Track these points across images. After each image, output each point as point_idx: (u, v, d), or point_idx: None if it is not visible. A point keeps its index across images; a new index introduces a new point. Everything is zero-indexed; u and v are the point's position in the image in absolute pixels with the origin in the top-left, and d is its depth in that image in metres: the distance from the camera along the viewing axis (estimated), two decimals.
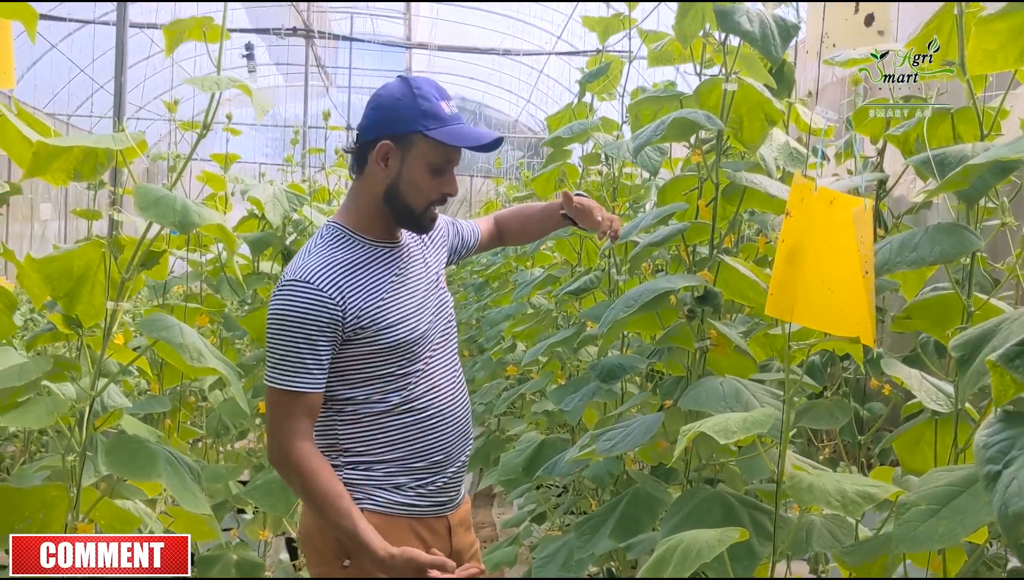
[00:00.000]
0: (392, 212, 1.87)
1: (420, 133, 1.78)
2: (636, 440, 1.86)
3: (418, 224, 1.90)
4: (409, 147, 1.80)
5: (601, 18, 3.21)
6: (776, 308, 1.38)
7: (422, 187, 1.83)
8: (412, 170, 1.81)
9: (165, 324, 1.48)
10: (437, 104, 1.80)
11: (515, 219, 2.38)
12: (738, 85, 1.78)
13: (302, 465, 1.71)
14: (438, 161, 1.82)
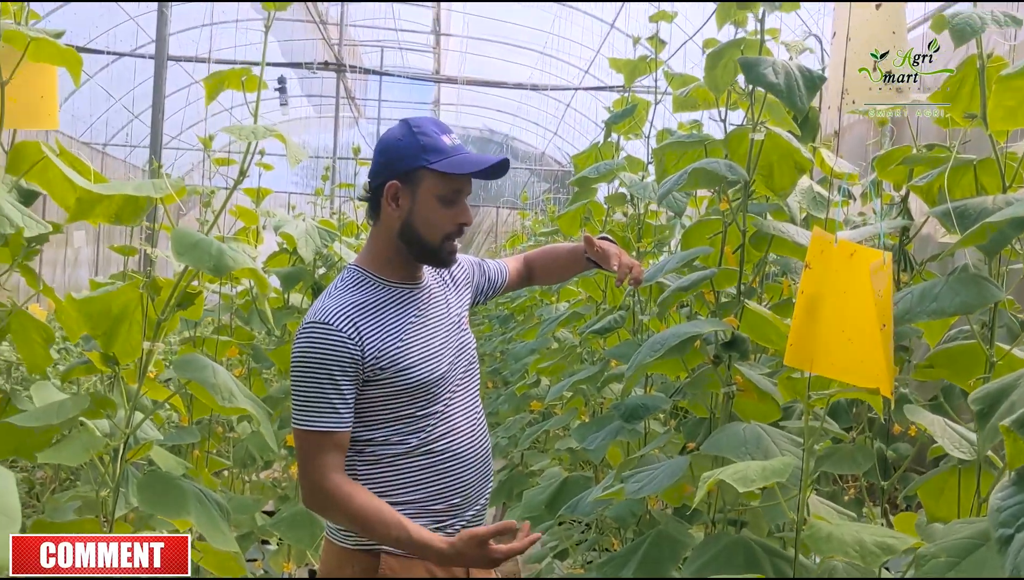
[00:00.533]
0: (410, 250, 1.90)
1: (424, 168, 1.82)
2: (662, 483, 1.88)
3: (437, 258, 1.92)
4: (416, 183, 1.84)
5: (628, 60, 3.26)
6: (796, 358, 1.40)
7: (435, 220, 1.86)
8: (422, 205, 1.85)
9: (199, 365, 1.53)
10: (438, 138, 1.84)
11: (544, 259, 2.41)
12: (767, 134, 1.81)
13: (337, 494, 1.74)
14: (446, 192, 1.85)
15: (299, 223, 3.22)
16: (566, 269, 2.38)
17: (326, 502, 1.76)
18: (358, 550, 1.84)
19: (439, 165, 1.81)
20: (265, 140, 1.72)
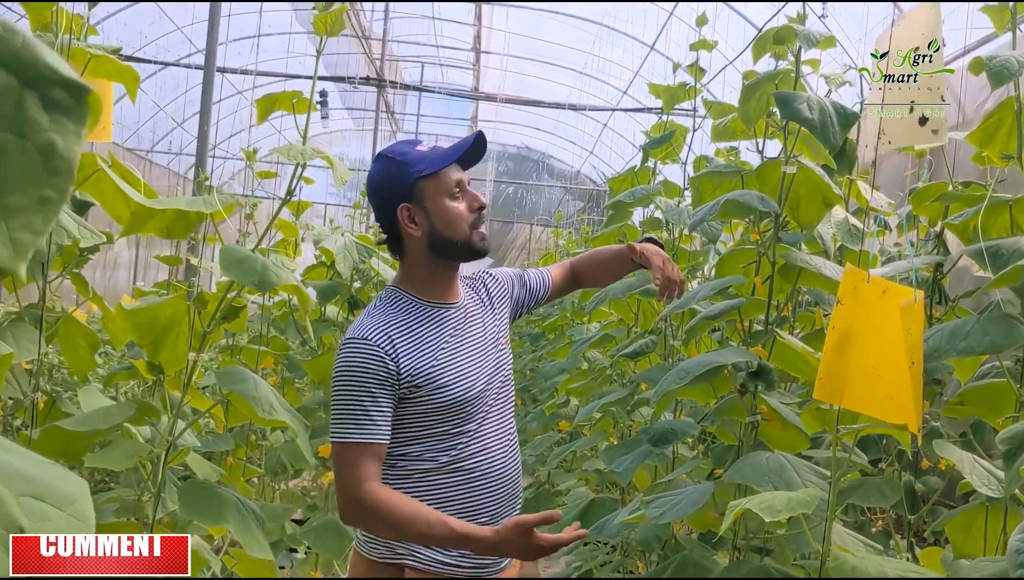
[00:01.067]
0: (445, 255, 1.94)
1: (418, 179, 1.88)
2: (686, 509, 1.90)
3: (472, 249, 1.94)
4: (421, 196, 1.89)
5: (668, 87, 3.30)
6: (825, 392, 1.42)
7: (453, 216, 1.90)
8: (437, 209, 1.89)
9: (241, 377, 1.58)
10: (413, 151, 1.90)
11: (590, 263, 2.41)
12: (798, 168, 1.83)
13: (375, 502, 1.75)
14: (449, 186, 1.90)
15: (337, 238, 3.28)
16: (613, 271, 2.37)
17: (364, 512, 1.77)
18: (384, 563, 1.88)
19: (428, 169, 1.87)
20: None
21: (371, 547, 1.90)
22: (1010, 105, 1.67)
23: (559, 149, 20.75)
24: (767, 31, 1.88)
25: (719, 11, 10.21)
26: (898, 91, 1.41)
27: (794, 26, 1.82)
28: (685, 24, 10.89)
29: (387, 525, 1.78)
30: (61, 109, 0.41)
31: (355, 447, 1.77)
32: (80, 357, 2.14)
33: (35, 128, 0.40)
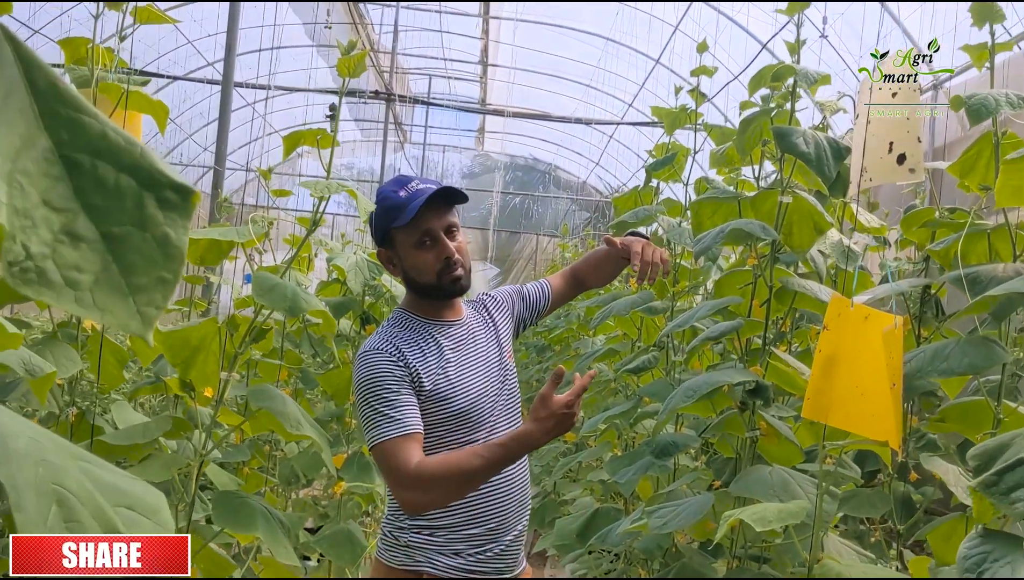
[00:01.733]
0: (419, 294, 2.11)
1: (392, 229, 2.04)
2: (686, 520, 2.00)
3: (443, 292, 2.08)
4: (394, 243, 2.07)
5: (669, 110, 3.41)
6: (812, 411, 1.52)
7: (421, 264, 2.05)
8: (407, 257, 2.06)
9: (270, 395, 1.69)
10: (396, 198, 2.02)
11: (586, 266, 2.51)
12: (793, 197, 1.94)
13: (426, 468, 1.83)
14: (416, 238, 2.03)
15: (349, 256, 3.40)
16: (607, 269, 2.47)
17: (422, 484, 1.83)
18: (403, 569, 1.99)
19: (398, 221, 1.99)
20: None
21: (392, 555, 2.01)
22: (988, 138, 1.78)
23: (566, 161, 20.89)
24: (765, 68, 1.98)
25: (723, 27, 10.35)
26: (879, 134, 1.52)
27: (793, 65, 1.93)
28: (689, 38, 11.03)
29: (446, 480, 1.84)
30: (172, 207, 0.52)
31: (393, 442, 1.86)
32: (109, 372, 2.26)
33: (153, 222, 0.51)
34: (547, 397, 1.79)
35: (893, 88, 1.53)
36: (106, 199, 0.51)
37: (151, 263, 0.50)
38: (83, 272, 0.49)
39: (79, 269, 0.49)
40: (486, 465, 1.83)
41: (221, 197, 3.05)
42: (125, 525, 0.65)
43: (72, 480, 0.64)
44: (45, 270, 0.48)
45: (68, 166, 0.52)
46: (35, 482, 0.61)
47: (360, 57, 1.70)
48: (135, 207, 0.52)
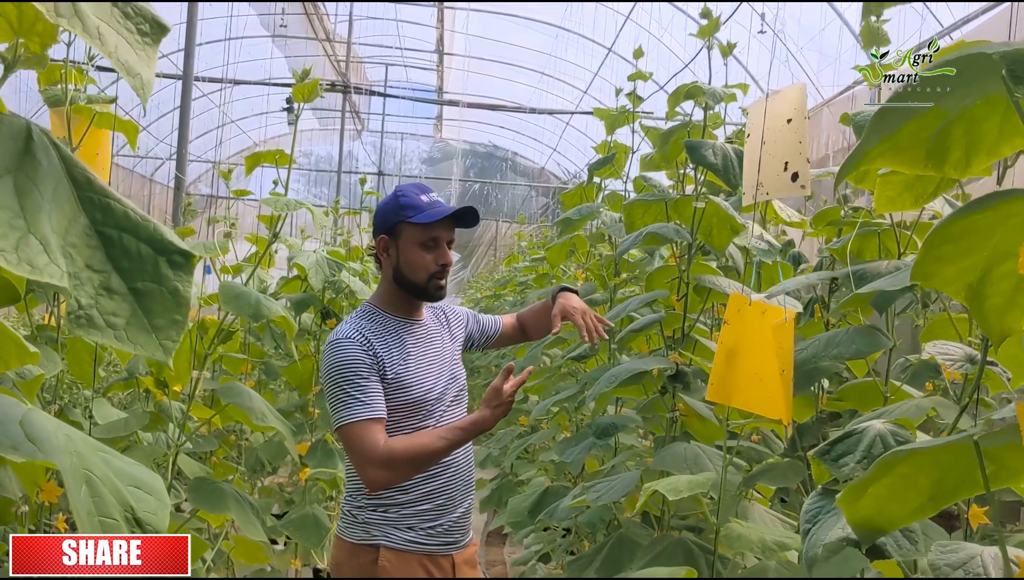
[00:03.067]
0: (403, 289, 2.29)
1: (403, 222, 2.22)
2: (617, 493, 2.23)
3: (426, 294, 2.29)
4: (399, 235, 2.25)
5: (610, 111, 3.62)
6: (716, 395, 1.76)
7: (418, 263, 2.24)
8: (406, 252, 2.25)
9: (238, 391, 1.88)
10: (416, 199, 2.22)
11: (532, 316, 2.70)
12: (707, 203, 2.17)
13: (394, 450, 2.06)
14: (425, 239, 2.23)
15: (310, 255, 3.58)
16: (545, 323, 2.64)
17: (388, 463, 2.06)
18: (362, 545, 2.20)
19: (415, 218, 2.20)
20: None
21: (351, 531, 2.22)
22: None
23: (524, 147, 21.06)
24: (680, 87, 2.21)
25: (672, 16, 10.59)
26: (775, 153, 1.74)
27: (701, 87, 2.16)
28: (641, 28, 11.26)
29: (414, 459, 2.09)
30: (179, 267, 0.72)
31: (362, 424, 2.08)
32: (85, 370, 2.43)
33: (166, 279, 0.71)
34: (498, 388, 2.05)
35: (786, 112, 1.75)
36: (131, 262, 0.71)
37: (166, 309, 0.70)
38: (118, 317, 0.69)
39: (115, 315, 0.69)
40: (448, 446, 2.10)
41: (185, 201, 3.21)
42: (135, 500, 0.85)
43: (95, 466, 0.84)
44: (92, 317, 0.68)
45: (102, 239, 0.72)
46: (71, 469, 0.80)
47: (313, 84, 1.89)
48: (152, 268, 0.72)
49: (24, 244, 0.66)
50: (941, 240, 0.97)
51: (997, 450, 0.98)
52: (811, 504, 1.15)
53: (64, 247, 0.69)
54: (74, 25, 0.70)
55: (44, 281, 0.66)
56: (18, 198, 0.68)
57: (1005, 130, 0.92)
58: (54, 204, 0.70)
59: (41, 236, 0.67)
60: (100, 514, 0.78)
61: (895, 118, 0.88)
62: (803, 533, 1.12)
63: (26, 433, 0.75)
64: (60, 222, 0.70)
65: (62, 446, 0.80)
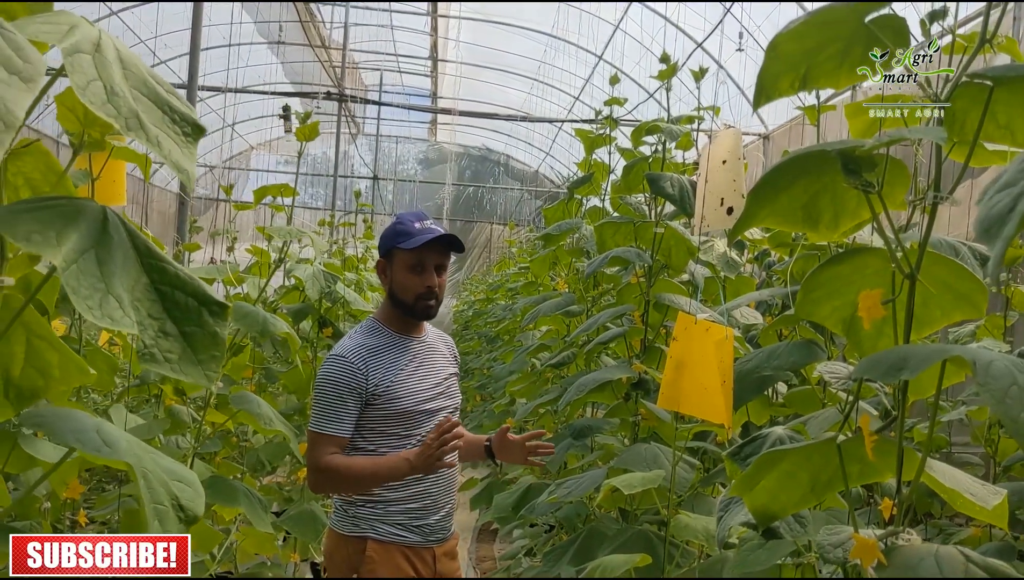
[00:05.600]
0: (397, 308, 2.54)
1: (395, 248, 2.47)
2: (585, 488, 2.48)
3: (414, 313, 2.54)
4: (392, 260, 2.51)
5: (589, 133, 3.87)
6: (666, 402, 2.00)
7: (407, 285, 2.50)
8: (398, 274, 2.51)
9: (248, 399, 2.12)
10: (409, 226, 2.48)
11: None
12: (666, 228, 2.42)
13: (332, 467, 2.34)
14: (414, 263, 2.49)
15: (307, 267, 3.82)
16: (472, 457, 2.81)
17: (327, 478, 2.35)
18: (351, 536, 2.45)
19: (403, 244, 2.45)
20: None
21: (342, 524, 2.47)
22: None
23: (517, 150, 21.30)
24: (641, 125, 2.46)
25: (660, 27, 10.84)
26: (714, 190, 1.99)
27: (659, 124, 2.40)
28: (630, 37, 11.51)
29: (347, 483, 2.37)
30: (217, 315, 0.96)
31: (325, 436, 2.37)
32: (103, 378, 2.67)
33: (208, 324, 0.95)
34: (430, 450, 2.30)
35: (722, 154, 2.00)
36: (180, 312, 0.96)
37: (208, 347, 0.95)
38: (172, 353, 0.94)
39: (170, 352, 0.94)
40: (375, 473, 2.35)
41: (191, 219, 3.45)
42: (177, 490, 1.09)
43: (148, 464, 1.08)
44: (154, 354, 0.92)
45: (159, 294, 0.96)
46: (135, 467, 1.05)
47: (314, 126, 2.13)
48: (197, 316, 0.96)
49: (105, 302, 0.90)
50: (814, 285, 1.22)
51: (863, 451, 1.22)
52: (724, 497, 1.40)
53: (132, 301, 0.93)
54: (140, 136, 0.94)
55: (120, 330, 0.90)
56: (99, 266, 0.92)
57: (861, 201, 1.17)
58: (124, 269, 0.95)
59: (116, 295, 0.92)
60: (155, 501, 1.02)
61: (768, 192, 1.12)
62: (717, 520, 1.36)
63: (102, 439, 0.99)
64: (128, 282, 0.94)
65: (125, 449, 1.04)
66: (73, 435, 0.98)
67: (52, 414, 1.03)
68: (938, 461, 1.27)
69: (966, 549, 1.02)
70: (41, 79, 0.73)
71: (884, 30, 1.11)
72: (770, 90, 1.17)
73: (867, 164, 1.03)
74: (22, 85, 0.69)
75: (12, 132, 0.67)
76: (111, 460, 0.99)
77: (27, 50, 0.73)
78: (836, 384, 1.35)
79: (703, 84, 2.83)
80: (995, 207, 0.64)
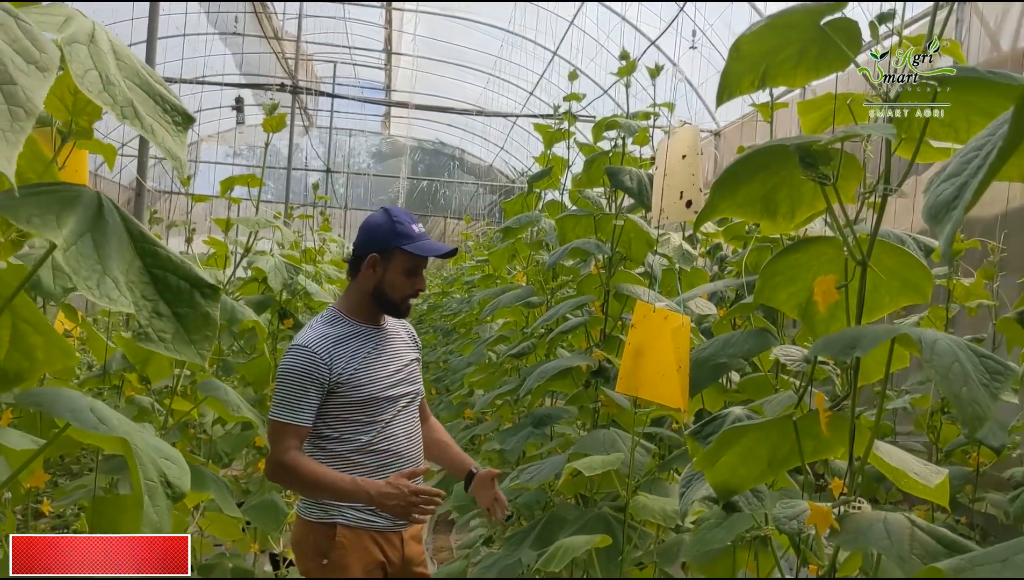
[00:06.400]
0: (378, 304, 2.56)
1: (398, 248, 2.48)
2: (547, 473, 2.55)
3: (397, 311, 2.59)
4: (390, 258, 2.51)
5: (548, 128, 3.93)
6: (625, 387, 2.07)
7: (400, 286, 2.53)
8: (392, 274, 2.52)
9: (215, 386, 2.14)
10: (409, 227, 2.50)
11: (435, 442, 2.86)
12: (626, 221, 2.49)
13: (293, 466, 2.37)
14: (412, 267, 2.52)
15: (269, 259, 3.83)
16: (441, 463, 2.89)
17: (284, 473, 2.39)
18: (320, 523, 2.48)
19: (410, 247, 2.48)
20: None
21: (310, 511, 2.50)
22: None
23: (472, 144, 21.32)
24: (601, 120, 2.52)
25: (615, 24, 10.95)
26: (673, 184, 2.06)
27: (619, 120, 2.47)
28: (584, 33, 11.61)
29: (301, 484, 2.41)
30: (208, 296, 1.00)
31: (286, 426, 2.40)
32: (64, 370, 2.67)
33: (200, 305, 0.99)
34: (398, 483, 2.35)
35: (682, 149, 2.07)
36: (173, 294, 1.00)
37: (200, 327, 0.99)
38: (166, 333, 0.97)
39: (164, 332, 0.97)
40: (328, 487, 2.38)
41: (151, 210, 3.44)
42: (164, 467, 1.13)
43: (139, 442, 1.11)
44: (148, 333, 0.96)
45: (152, 277, 1.00)
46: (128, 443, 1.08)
47: (280, 118, 2.16)
48: (189, 297, 1.00)
49: (102, 282, 0.94)
50: (772, 272, 1.29)
51: (817, 428, 1.30)
52: (686, 473, 1.47)
53: (127, 283, 0.97)
54: (135, 124, 0.98)
55: (118, 309, 0.94)
56: (96, 249, 0.95)
57: (817, 192, 1.24)
58: (119, 253, 0.98)
59: (113, 277, 0.95)
60: (146, 477, 1.06)
61: (729, 185, 1.19)
62: (680, 495, 1.43)
63: (97, 417, 1.02)
64: (122, 265, 0.98)
65: (117, 426, 1.08)
66: (70, 413, 1.01)
67: (48, 393, 1.06)
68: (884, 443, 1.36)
69: (912, 515, 1.10)
70: (56, 69, 0.77)
71: (838, 32, 1.18)
72: (733, 88, 1.24)
73: (823, 158, 1.11)
74: (39, 75, 0.73)
75: (33, 119, 0.71)
76: (106, 436, 1.02)
77: (42, 41, 0.77)
78: (792, 365, 1.43)
79: (658, 81, 2.91)
80: (941, 195, 0.72)
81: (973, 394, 0.94)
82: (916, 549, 1.01)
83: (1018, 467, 3.73)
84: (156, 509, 1.09)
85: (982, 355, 1.02)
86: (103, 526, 2.04)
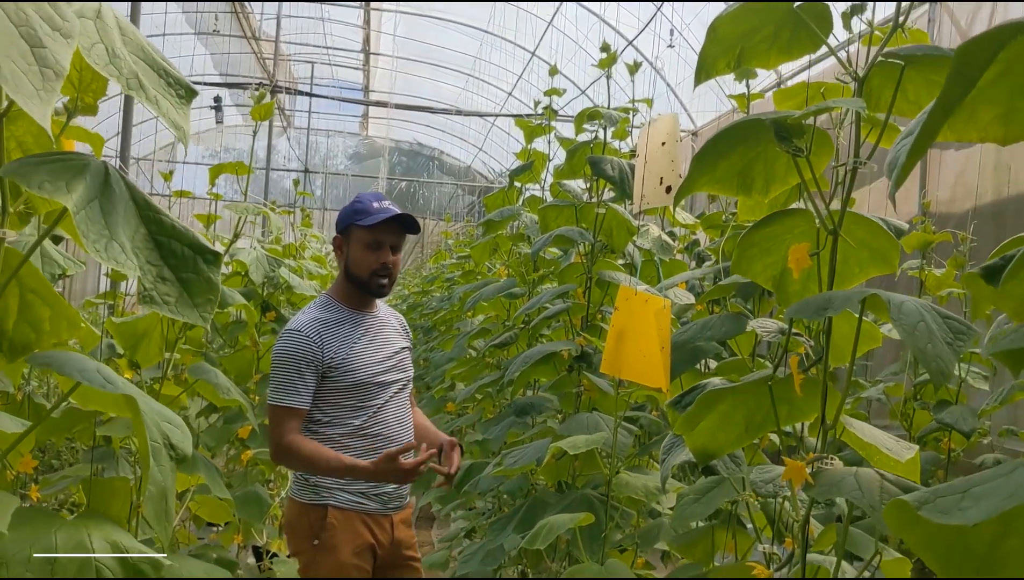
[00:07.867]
0: (351, 284, 2.62)
1: (353, 225, 2.55)
2: (531, 456, 2.59)
3: (368, 288, 2.63)
4: (349, 236, 2.61)
5: (529, 122, 3.99)
6: (608, 368, 2.13)
7: (362, 261, 2.59)
8: (354, 250, 2.60)
9: (205, 370, 2.18)
10: (368, 204, 2.57)
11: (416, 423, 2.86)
12: (607, 210, 2.55)
13: (294, 447, 2.43)
14: (372, 240, 2.58)
15: (251, 251, 3.85)
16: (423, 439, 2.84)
17: (287, 455, 2.45)
18: (312, 504, 2.52)
19: (361, 221, 2.53)
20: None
21: (302, 493, 2.55)
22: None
23: (450, 145, 21.35)
24: (583, 111, 2.58)
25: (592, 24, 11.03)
26: (653, 170, 2.12)
27: (601, 110, 2.53)
28: (563, 34, 11.68)
29: (301, 461, 2.47)
30: (211, 262, 1.04)
31: (285, 409, 2.44)
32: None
33: (203, 271, 1.03)
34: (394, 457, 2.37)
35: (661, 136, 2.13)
36: (177, 260, 1.04)
37: (203, 291, 1.03)
38: (170, 297, 1.02)
39: (168, 295, 1.02)
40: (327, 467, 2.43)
41: None
42: (167, 431, 1.17)
43: (144, 406, 1.15)
44: (153, 297, 1.00)
45: (157, 243, 1.04)
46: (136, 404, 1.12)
47: (269, 106, 2.20)
48: (192, 263, 1.04)
49: (110, 246, 0.98)
50: (748, 244, 1.35)
51: (792, 393, 1.36)
52: (667, 441, 1.52)
53: (133, 248, 1.01)
54: (140, 96, 1.02)
55: (125, 272, 0.98)
56: (103, 216, 1.00)
57: (790, 167, 1.30)
58: (125, 219, 1.02)
59: (120, 242, 0.99)
60: (151, 439, 1.10)
61: (709, 158, 1.25)
62: (661, 461, 1.49)
63: (104, 378, 1.06)
64: (128, 232, 1.02)
65: (123, 386, 1.12)
66: (79, 372, 1.05)
67: (58, 355, 1.10)
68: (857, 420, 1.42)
69: (882, 471, 1.16)
70: (77, 36, 0.81)
71: (810, 14, 1.24)
72: (710, 68, 1.30)
73: (796, 131, 1.17)
74: (64, 40, 0.77)
75: (61, 80, 0.75)
76: (113, 395, 1.06)
77: (63, 9, 0.81)
78: (767, 336, 1.48)
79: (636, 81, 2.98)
80: (900, 150, 0.78)
81: (937, 350, 1.00)
82: (886, 499, 1.07)
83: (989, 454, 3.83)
84: (160, 469, 1.13)
85: (946, 317, 1.09)
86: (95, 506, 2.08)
